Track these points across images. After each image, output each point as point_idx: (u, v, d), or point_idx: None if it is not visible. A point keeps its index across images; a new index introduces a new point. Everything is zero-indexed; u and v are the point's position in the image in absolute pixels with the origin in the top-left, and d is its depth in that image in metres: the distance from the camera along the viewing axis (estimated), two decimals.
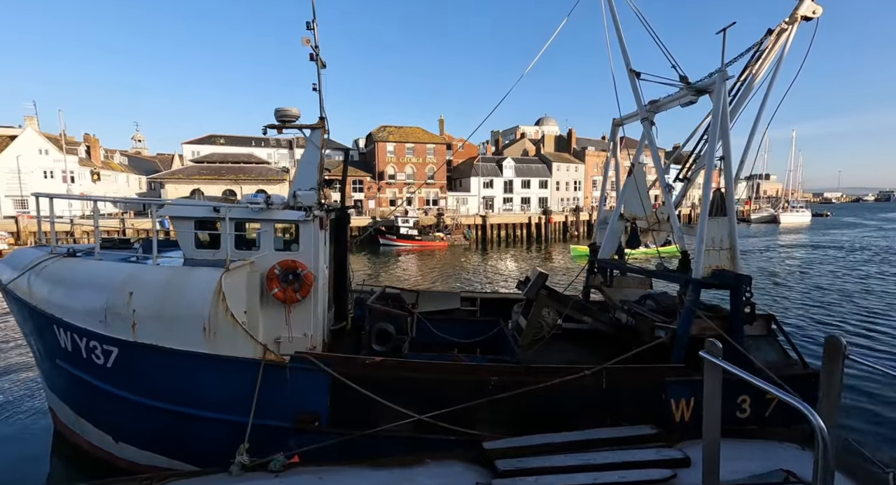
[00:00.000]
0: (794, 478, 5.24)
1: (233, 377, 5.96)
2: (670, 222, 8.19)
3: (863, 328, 15.35)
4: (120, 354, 5.93)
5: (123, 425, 6.48)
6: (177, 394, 6.00)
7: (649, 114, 8.48)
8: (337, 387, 6.10)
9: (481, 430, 6.33)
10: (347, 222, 9.38)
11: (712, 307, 7.39)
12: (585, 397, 6.42)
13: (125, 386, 6.09)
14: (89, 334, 5.97)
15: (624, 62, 8.71)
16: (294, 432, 6.14)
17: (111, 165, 60.11)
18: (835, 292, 21.50)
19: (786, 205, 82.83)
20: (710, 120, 6.98)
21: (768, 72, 7.93)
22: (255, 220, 7.16)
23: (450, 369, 6.52)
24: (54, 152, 50.09)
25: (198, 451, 6.19)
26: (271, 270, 7.13)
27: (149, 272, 6.17)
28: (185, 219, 6.97)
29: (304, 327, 7.47)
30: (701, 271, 6.70)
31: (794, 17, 7.79)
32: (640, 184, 8.60)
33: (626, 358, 6.51)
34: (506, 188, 66.00)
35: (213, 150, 62.15)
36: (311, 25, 8.17)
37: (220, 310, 5.91)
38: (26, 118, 50.46)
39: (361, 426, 6.15)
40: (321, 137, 8.45)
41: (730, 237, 6.79)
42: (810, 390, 6.73)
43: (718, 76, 6.76)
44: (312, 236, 7.43)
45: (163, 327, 5.85)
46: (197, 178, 51.92)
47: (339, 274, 9.15)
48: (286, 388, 6.07)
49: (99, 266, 6.42)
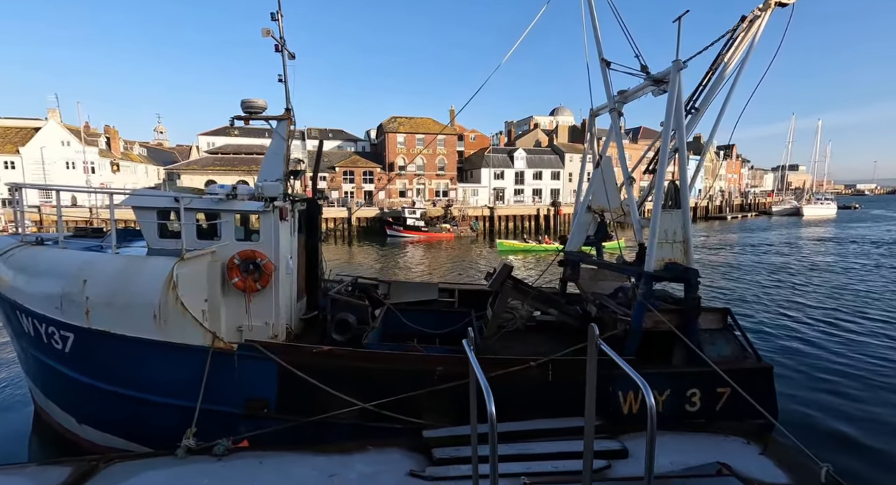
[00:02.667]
0: (728, 471, 5.17)
1: (182, 364, 6.16)
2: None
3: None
4: (76, 340, 6.19)
5: (84, 408, 6.79)
6: (130, 379, 6.25)
7: (618, 104, 8.29)
8: (284, 374, 6.25)
9: (428, 419, 6.41)
10: (319, 213, 9.49)
11: (667, 299, 7.27)
12: (532, 388, 6.42)
13: (83, 370, 6.37)
14: (48, 320, 6.25)
15: (597, 51, 8.52)
16: (244, 417, 6.33)
17: (130, 157, 61.77)
18: (809, 287, 21.39)
19: (809, 197, 79.83)
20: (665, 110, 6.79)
21: (740, 60, 7.64)
22: (214, 210, 7.31)
23: (396, 359, 6.60)
24: (76, 144, 51.74)
25: (152, 434, 6.44)
26: (231, 259, 7.28)
27: (105, 261, 6.40)
28: (147, 209, 7.17)
29: (266, 316, 7.63)
30: (653, 264, 6.58)
31: (768, 3, 7.47)
32: (608, 176, 8.44)
33: (574, 351, 6.47)
34: (517, 179, 65.38)
35: (227, 141, 63.15)
36: (276, 16, 8.21)
37: (170, 298, 6.09)
38: (49, 110, 52.16)
39: (309, 413, 6.30)
40: (287, 129, 8.54)
41: (683, 230, 6.64)
42: (763, 382, 6.62)
43: (673, 66, 6.58)
44: (273, 227, 7.55)
45: (115, 314, 6.07)
46: (211, 168, 52.93)
47: (312, 264, 9.29)
48: (234, 375, 6.25)
49: (60, 254, 6.68)
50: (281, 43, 8.25)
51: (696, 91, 8.02)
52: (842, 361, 11.54)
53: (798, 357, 11.86)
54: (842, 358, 11.73)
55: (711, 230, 54.08)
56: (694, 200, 73.39)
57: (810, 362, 11.47)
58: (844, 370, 10.91)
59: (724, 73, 7.85)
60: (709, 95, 7.87)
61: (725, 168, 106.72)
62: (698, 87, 8.03)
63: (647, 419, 5.52)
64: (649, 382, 7.10)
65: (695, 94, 8.00)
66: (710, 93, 7.87)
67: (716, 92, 7.86)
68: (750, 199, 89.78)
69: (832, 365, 11.26)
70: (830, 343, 12.93)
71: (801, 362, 11.46)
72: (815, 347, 12.59)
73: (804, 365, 11.29)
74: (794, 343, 12.99)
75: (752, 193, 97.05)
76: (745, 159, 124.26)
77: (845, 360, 11.60)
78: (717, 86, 7.81)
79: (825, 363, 11.41)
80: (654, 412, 2.49)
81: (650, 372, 6.52)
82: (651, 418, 2.50)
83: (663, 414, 6.46)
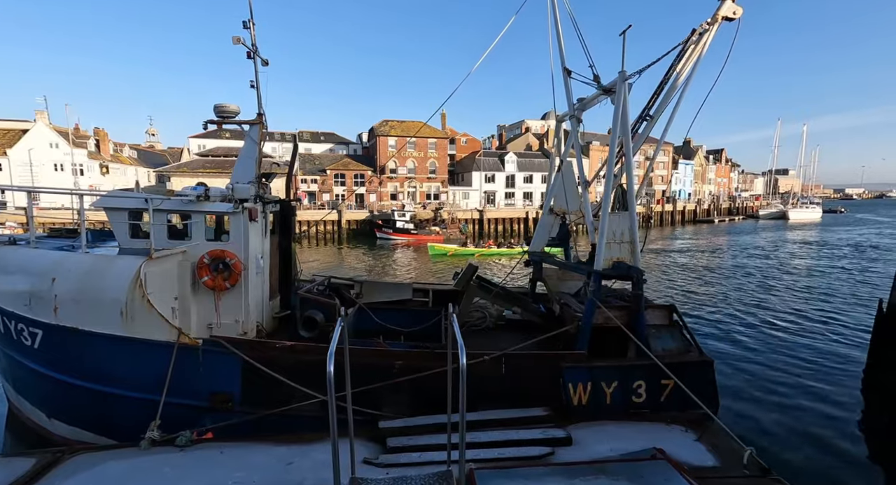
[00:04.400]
0: (662, 455, 5.50)
1: (148, 359, 6.39)
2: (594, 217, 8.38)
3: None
4: (44, 336, 6.41)
5: (53, 403, 6.99)
6: (97, 374, 6.47)
7: (577, 111, 8.65)
8: (248, 369, 6.51)
9: (388, 411, 6.70)
10: (292, 214, 9.76)
11: (623, 298, 7.62)
12: (486, 381, 6.72)
13: (51, 366, 6.58)
14: (17, 317, 6.46)
15: (560, 60, 8.89)
16: (209, 410, 6.57)
17: (120, 159, 61.55)
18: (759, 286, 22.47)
19: (795, 201, 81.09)
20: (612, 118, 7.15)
21: (690, 70, 8.04)
22: (184, 211, 7.56)
23: (356, 353, 6.86)
24: (64, 146, 51.56)
25: (120, 427, 6.66)
26: (201, 259, 7.53)
27: (74, 259, 6.63)
28: (118, 209, 7.41)
29: (235, 314, 7.88)
30: (601, 263, 6.93)
31: (716, 17, 7.89)
32: (567, 180, 8.80)
33: (527, 346, 6.79)
34: (507, 183, 65.91)
35: (218, 143, 63.13)
36: (248, 25, 8.50)
37: (137, 295, 6.33)
38: (37, 112, 51.99)
39: (273, 406, 6.55)
40: (259, 133, 8.83)
41: (630, 231, 6.99)
42: (704, 374, 6.98)
43: (619, 77, 6.95)
44: (242, 227, 7.81)
45: (83, 311, 6.30)
46: (202, 171, 52.90)
47: (285, 264, 9.55)
48: (199, 369, 6.49)
49: (30, 254, 6.90)
50: (253, 50, 8.55)
51: (650, 100, 8.40)
52: (782, 356, 12.42)
53: (748, 353, 12.72)
54: (782, 355, 12.60)
55: (697, 233, 54.80)
56: (683, 202, 74.80)
57: (755, 357, 12.35)
58: (782, 365, 11.77)
59: (677, 82, 8.26)
60: (662, 104, 8.26)
61: (715, 172, 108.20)
62: (653, 96, 8.42)
63: (595, 411, 5.91)
64: (597, 374, 7.46)
65: (650, 102, 8.39)
66: (663, 101, 8.26)
67: (669, 100, 8.26)
68: (738, 202, 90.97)
69: (775, 361, 12.09)
70: (777, 340, 13.83)
71: (750, 358, 12.31)
72: (763, 344, 13.48)
73: (751, 360, 12.14)
74: (745, 339, 13.92)
75: (741, 197, 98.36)
76: (734, 164, 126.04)
77: (786, 356, 12.47)
78: (670, 94, 8.21)
79: (769, 359, 12.28)
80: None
81: (598, 365, 6.88)
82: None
83: (611, 405, 6.80)
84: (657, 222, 66.52)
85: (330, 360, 3.20)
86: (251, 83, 8.64)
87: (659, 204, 70.38)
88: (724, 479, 5.13)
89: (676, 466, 5.33)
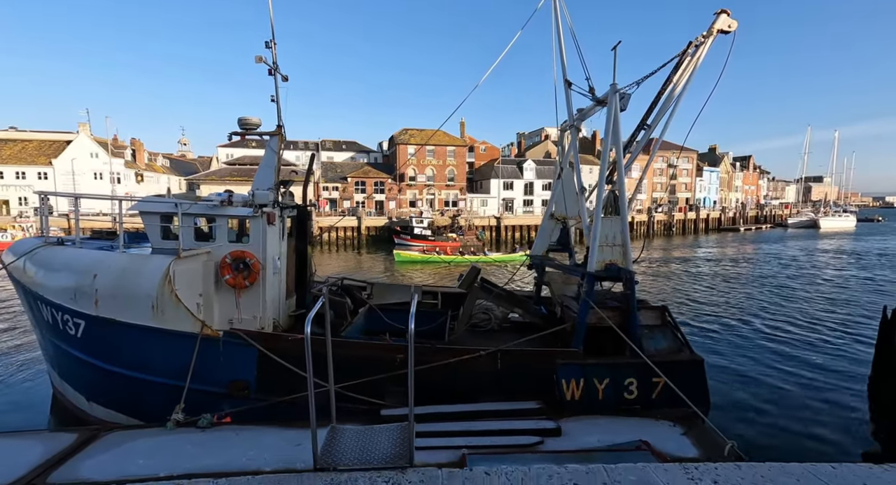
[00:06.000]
0: (647, 447, 5.78)
1: (175, 348, 7.05)
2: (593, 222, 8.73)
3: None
4: (86, 326, 7.16)
5: (92, 387, 7.73)
6: (131, 361, 7.17)
7: (577, 121, 9.05)
8: (263, 359, 7.10)
9: (391, 401, 7.17)
10: (309, 219, 10.41)
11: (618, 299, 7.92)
12: (483, 375, 7.13)
13: (92, 353, 7.32)
14: (63, 309, 7.24)
15: (562, 71, 9.32)
16: (227, 397, 7.18)
17: (154, 168, 64.57)
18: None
19: (827, 209, 78.28)
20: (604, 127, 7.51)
21: (686, 82, 8.35)
22: (208, 215, 8.27)
23: (360, 347, 7.39)
24: (103, 155, 54.57)
25: (150, 410, 7.32)
26: (224, 259, 8.21)
27: (113, 258, 7.38)
28: (151, 214, 8.18)
29: (254, 310, 8.51)
30: (594, 265, 7.27)
31: (711, 30, 8.20)
32: (567, 186, 9.17)
33: (522, 343, 7.18)
34: (526, 190, 66.07)
35: (245, 152, 65.55)
36: (270, 44, 9.25)
37: (166, 291, 7.02)
38: (80, 124, 55.24)
39: (285, 394, 7.11)
40: (279, 144, 9.54)
41: (622, 235, 7.31)
42: (694, 373, 7.21)
43: (610, 89, 7.34)
44: (261, 230, 8.47)
45: (120, 304, 7.02)
46: (229, 178, 54.97)
47: (301, 265, 10.19)
48: (220, 359, 7.12)
49: (76, 253, 7.71)
50: (274, 67, 9.28)
51: (648, 110, 8.73)
52: (786, 360, 12.57)
53: (747, 355, 12.95)
54: (786, 357, 12.77)
55: (720, 242, 53.60)
56: (707, 209, 73.07)
57: (752, 359, 12.63)
58: (775, 366, 12.03)
59: (674, 92, 8.58)
60: (660, 113, 8.58)
61: (742, 179, 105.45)
62: (651, 105, 8.74)
63: (588, 406, 6.32)
64: (590, 371, 7.82)
65: (648, 112, 8.72)
66: (660, 111, 8.58)
67: (666, 110, 8.57)
68: (766, 210, 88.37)
69: (781, 363, 12.27)
70: (783, 345, 13.93)
71: (749, 359, 12.54)
72: (767, 348, 13.65)
73: (749, 362, 12.39)
74: (746, 342, 14.14)
75: (769, 205, 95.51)
76: (763, 171, 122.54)
77: (791, 361, 12.55)
78: (667, 105, 8.53)
79: (767, 361, 12.50)
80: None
81: (590, 363, 7.20)
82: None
83: (603, 401, 7.09)
84: (678, 231, 65.29)
85: (308, 323, 3.66)
86: (272, 97, 9.37)
87: (681, 212, 69.09)
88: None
89: (658, 455, 5.63)
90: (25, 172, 53.36)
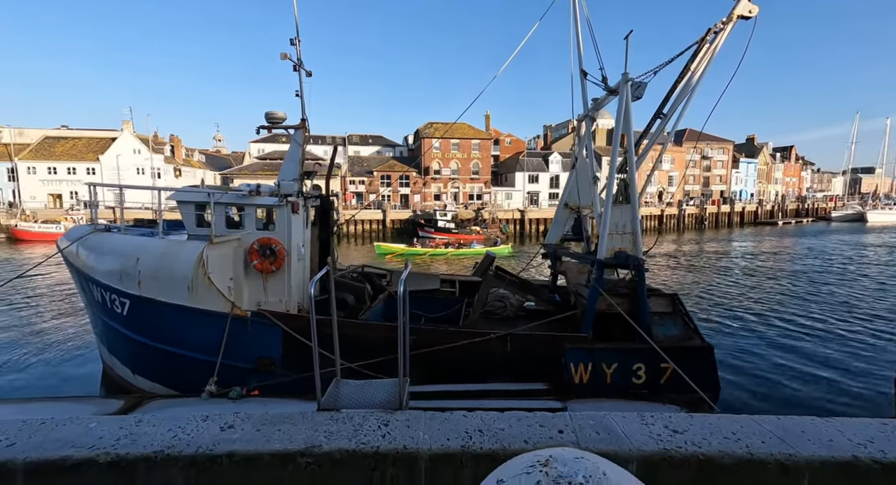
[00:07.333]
0: None
1: (208, 326, 7.67)
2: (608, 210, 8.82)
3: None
4: (131, 305, 7.86)
5: (137, 361, 8.48)
6: (170, 337, 7.84)
7: (592, 111, 9.12)
8: (287, 338, 7.62)
9: None
10: (331, 209, 10.91)
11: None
12: (493, 357, 7.42)
13: (136, 330, 8.04)
14: (111, 289, 7.97)
15: (578, 62, 9.40)
16: (254, 372, 7.76)
17: (191, 163, 67.42)
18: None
19: (876, 202, 73.80)
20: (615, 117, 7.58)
21: (704, 69, 8.28)
22: (237, 204, 8.84)
23: (377, 328, 7.80)
24: (145, 152, 57.47)
25: (188, 383, 8.00)
26: (252, 245, 8.78)
27: (153, 244, 8.06)
28: (187, 203, 8.82)
29: (280, 294, 9.07)
30: (604, 252, 7.41)
31: (731, 16, 8.09)
32: (582, 176, 9.26)
33: (531, 327, 7.42)
34: (551, 183, 65.30)
35: (276, 147, 67.52)
36: (294, 42, 9.72)
37: (199, 273, 7.62)
38: (124, 122, 58.28)
39: (307, 369, 7.61)
40: (303, 136, 10.03)
41: (632, 223, 7.41)
42: (704, 360, 7.26)
43: (621, 79, 7.40)
44: (286, 219, 9.00)
45: (160, 285, 7.68)
46: (260, 173, 56.91)
47: (324, 253, 10.71)
48: (248, 337, 7.69)
49: (122, 239, 8.44)
50: (298, 63, 9.74)
51: (665, 98, 8.71)
52: (801, 355, 12.25)
53: (766, 347, 12.64)
54: (801, 353, 12.38)
55: (756, 236, 51.58)
56: (743, 202, 70.17)
57: (767, 349, 12.34)
58: (788, 355, 11.90)
59: (692, 80, 8.52)
60: (676, 101, 8.54)
61: (783, 171, 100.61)
62: (668, 94, 8.71)
63: (596, 389, 6.54)
64: (598, 356, 8.01)
65: (664, 102, 8.70)
66: (677, 99, 8.55)
67: (683, 99, 8.53)
68: (809, 203, 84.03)
69: (786, 352, 12.10)
70: (805, 336, 13.65)
71: (767, 350, 12.23)
72: (784, 344, 13.26)
73: (765, 352, 12.09)
74: (768, 335, 13.78)
75: (813, 198, 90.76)
76: (807, 162, 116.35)
77: (799, 349, 12.38)
78: (684, 93, 8.49)
79: (780, 351, 12.25)
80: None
81: (598, 347, 7.38)
82: None
83: (611, 385, 7.27)
84: (711, 224, 63.09)
85: (313, 284, 4.02)
86: (296, 92, 9.85)
87: (714, 204, 66.67)
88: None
89: None
90: (76, 167, 56.81)
